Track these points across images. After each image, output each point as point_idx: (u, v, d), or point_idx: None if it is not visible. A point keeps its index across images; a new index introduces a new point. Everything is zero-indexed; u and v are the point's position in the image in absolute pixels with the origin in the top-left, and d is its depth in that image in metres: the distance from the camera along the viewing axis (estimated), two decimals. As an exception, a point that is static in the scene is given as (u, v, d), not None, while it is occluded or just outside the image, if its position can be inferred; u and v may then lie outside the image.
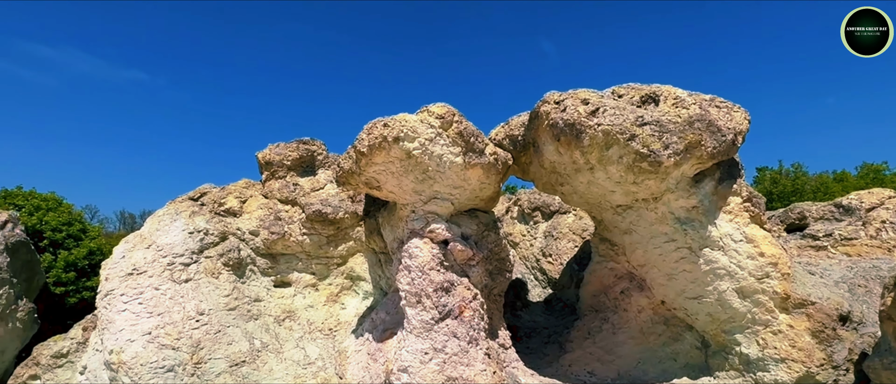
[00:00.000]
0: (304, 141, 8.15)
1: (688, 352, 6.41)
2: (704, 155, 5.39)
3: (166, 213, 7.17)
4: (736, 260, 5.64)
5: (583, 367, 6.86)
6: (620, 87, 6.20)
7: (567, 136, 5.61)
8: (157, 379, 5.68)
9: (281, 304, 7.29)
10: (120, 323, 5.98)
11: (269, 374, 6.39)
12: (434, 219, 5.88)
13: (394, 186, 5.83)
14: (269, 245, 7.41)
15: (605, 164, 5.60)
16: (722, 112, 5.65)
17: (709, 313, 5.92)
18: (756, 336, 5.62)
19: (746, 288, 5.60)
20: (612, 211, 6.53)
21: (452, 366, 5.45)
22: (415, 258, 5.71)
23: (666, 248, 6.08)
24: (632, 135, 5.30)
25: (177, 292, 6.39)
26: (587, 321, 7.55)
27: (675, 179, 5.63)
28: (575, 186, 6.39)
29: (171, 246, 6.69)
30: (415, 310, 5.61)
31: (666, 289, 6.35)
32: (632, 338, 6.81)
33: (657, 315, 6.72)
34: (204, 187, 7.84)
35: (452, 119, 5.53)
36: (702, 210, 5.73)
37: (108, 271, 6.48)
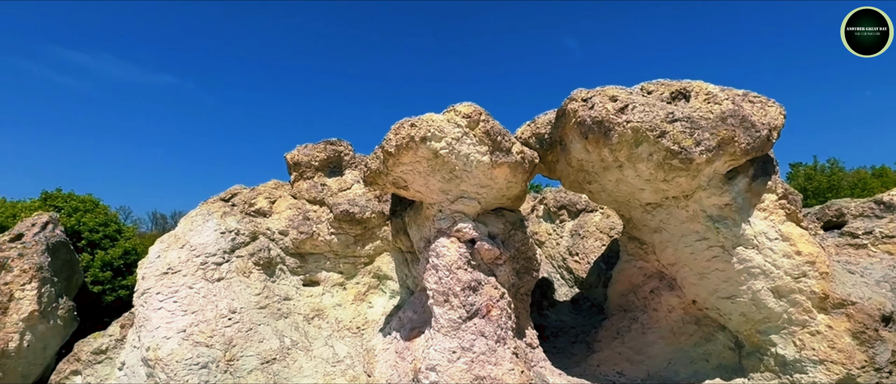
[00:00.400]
0: (331, 142, 8.25)
1: (720, 353, 6.27)
2: (738, 151, 5.27)
3: (199, 214, 7.35)
4: (771, 258, 5.50)
5: (612, 367, 6.78)
6: (649, 84, 6.11)
7: (595, 133, 5.55)
8: (191, 375, 5.83)
9: (310, 303, 7.39)
10: (156, 321, 6.16)
11: (299, 372, 6.49)
12: (461, 218, 5.89)
13: (421, 186, 5.86)
14: (298, 244, 7.52)
15: (634, 161, 5.52)
16: (756, 107, 5.51)
17: (743, 313, 5.79)
18: (793, 337, 5.47)
19: (782, 287, 5.46)
20: (641, 209, 6.43)
21: (480, 365, 5.45)
22: (442, 257, 5.73)
23: (697, 247, 5.97)
24: (662, 132, 5.21)
25: (210, 291, 6.55)
26: (615, 321, 7.46)
27: (708, 177, 5.52)
28: (603, 184, 6.32)
29: (204, 246, 6.86)
30: (442, 309, 5.63)
31: (697, 288, 6.23)
32: (662, 338, 6.70)
33: (688, 315, 6.60)
34: (234, 188, 8.01)
35: (479, 118, 5.52)
36: (735, 208, 5.60)
37: (144, 270, 6.68)
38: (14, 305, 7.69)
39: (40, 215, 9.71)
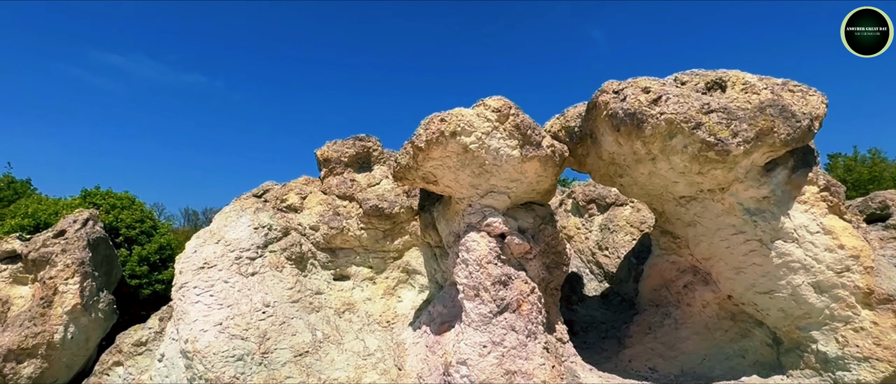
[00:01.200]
0: (360, 138, 8.32)
1: (757, 350, 6.12)
2: (777, 142, 5.11)
3: (232, 210, 7.51)
4: (812, 252, 5.33)
5: (644, 363, 6.68)
6: (683, 74, 5.97)
7: (627, 125, 5.46)
8: (228, 367, 5.98)
9: (340, 297, 7.49)
10: (194, 314, 6.33)
11: (331, 365, 6.58)
12: (491, 212, 5.88)
13: (451, 180, 5.86)
14: (329, 239, 7.62)
15: (668, 154, 5.41)
16: (796, 96, 5.34)
17: (781, 309, 5.63)
18: (835, 333, 5.30)
19: (824, 282, 5.29)
20: (674, 202, 6.31)
21: (511, 359, 5.44)
22: (472, 252, 5.73)
23: (734, 241, 5.82)
24: (697, 123, 5.10)
25: (244, 285, 6.69)
26: (647, 316, 7.35)
27: (745, 169, 5.38)
28: (635, 177, 6.22)
29: (238, 241, 7.01)
30: (473, 304, 5.63)
31: (734, 283, 6.09)
32: (696, 334, 6.57)
33: (723, 310, 6.45)
34: (266, 184, 8.15)
35: (509, 112, 5.49)
36: (774, 200, 5.45)
37: (181, 265, 6.86)
38: (58, 299, 7.99)
39: (81, 212, 10.04)
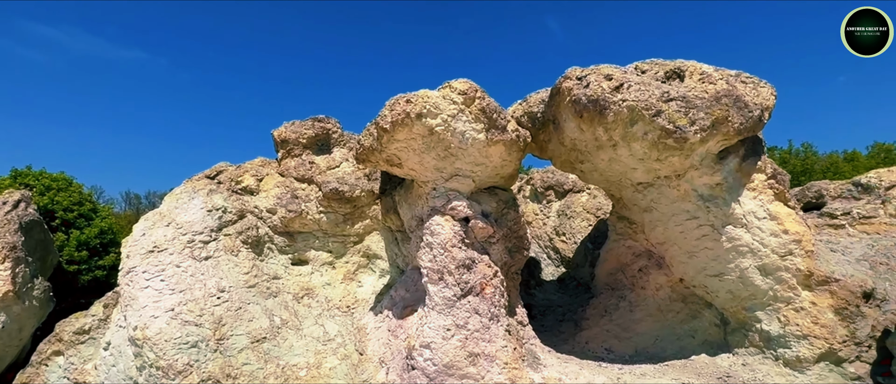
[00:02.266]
0: (318, 119, 8.10)
1: (706, 330, 6.43)
2: (731, 131, 5.33)
3: (184, 191, 7.16)
4: (759, 237, 5.62)
5: (600, 344, 6.90)
6: (643, 63, 6.11)
7: (590, 112, 5.54)
8: (181, 354, 5.73)
9: (299, 282, 7.31)
10: (143, 299, 6.01)
11: (290, 351, 6.43)
12: (455, 196, 5.86)
13: (415, 163, 5.79)
14: (287, 223, 7.40)
15: (628, 140, 5.55)
16: (749, 88, 5.57)
17: (730, 290, 5.92)
18: (777, 313, 5.63)
19: (769, 265, 5.59)
20: (632, 188, 6.49)
21: (474, 342, 5.48)
22: (436, 235, 5.70)
23: (688, 226, 6.06)
24: (658, 110, 5.24)
25: (197, 269, 6.41)
26: (603, 299, 7.57)
27: (700, 156, 5.59)
28: (596, 164, 6.35)
29: (191, 223, 6.69)
30: (437, 287, 5.63)
31: (686, 266, 6.35)
32: (649, 316, 6.83)
33: (675, 292, 6.73)
34: (220, 165, 7.81)
35: (475, 95, 5.46)
36: (725, 187, 5.69)
37: (128, 249, 6.49)
38: (-12, 285, 7.43)
39: (11, 193, 9.36)
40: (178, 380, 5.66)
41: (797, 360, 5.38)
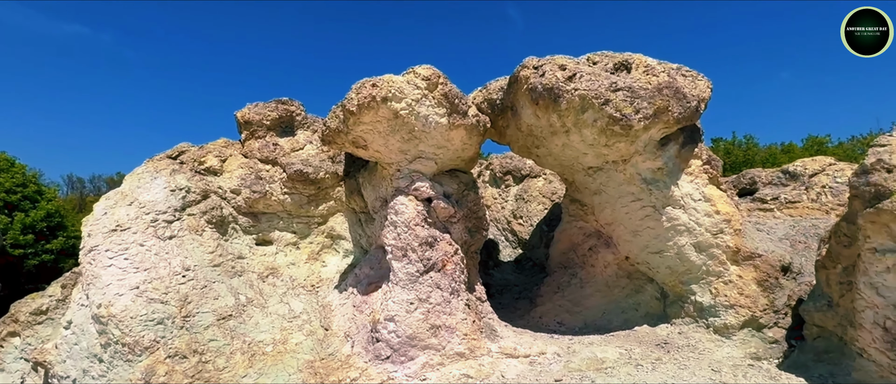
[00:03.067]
0: (282, 101, 8.17)
1: (648, 303, 7.00)
2: (671, 120, 5.83)
3: (145, 171, 7.13)
4: (694, 217, 6.18)
5: (553, 318, 7.38)
6: (595, 55, 6.52)
7: (545, 99, 5.92)
8: (147, 331, 5.81)
9: (263, 262, 7.45)
10: (106, 278, 6.03)
11: (256, 328, 6.60)
12: (419, 177, 6.15)
13: (380, 146, 6.04)
14: (251, 204, 7.50)
15: (580, 126, 5.97)
16: (688, 80, 6.08)
17: (669, 266, 6.49)
18: (709, 286, 6.23)
19: (703, 242, 6.17)
20: (583, 172, 6.95)
21: (436, 314, 5.82)
22: (401, 214, 5.99)
23: (632, 207, 6.57)
24: (606, 99, 5.67)
25: (162, 248, 6.46)
26: (556, 277, 8.06)
27: (644, 142, 6.07)
28: (550, 149, 6.76)
29: (154, 203, 6.71)
30: (401, 264, 5.92)
31: (631, 245, 6.88)
32: (598, 291, 7.35)
33: (621, 270, 7.27)
34: (181, 146, 7.80)
35: (438, 81, 5.75)
36: (666, 171, 6.21)
37: (90, 228, 6.46)
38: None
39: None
40: (145, 356, 5.76)
41: (725, 327, 5.99)
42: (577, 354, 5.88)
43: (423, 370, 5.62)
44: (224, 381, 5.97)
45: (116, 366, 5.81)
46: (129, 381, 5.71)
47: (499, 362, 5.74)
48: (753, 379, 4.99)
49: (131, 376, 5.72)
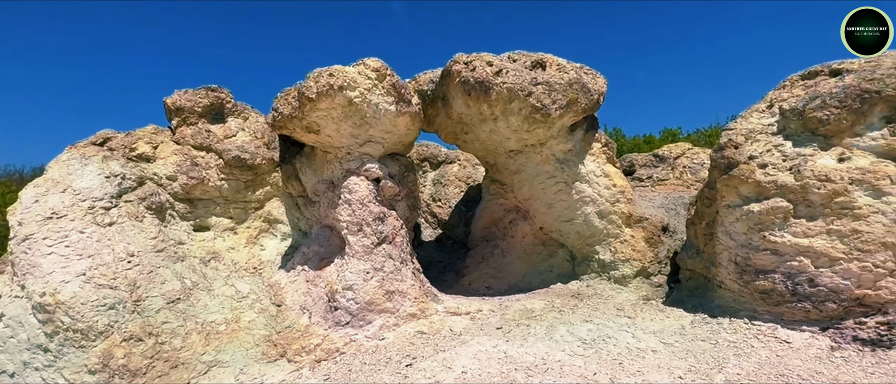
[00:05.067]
0: (212, 88, 8.21)
1: (560, 265, 8.28)
2: (579, 110, 7.06)
3: (71, 158, 6.85)
4: (597, 190, 7.52)
5: (481, 284, 8.39)
6: (513, 54, 7.55)
7: (477, 91, 6.83)
8: (100, 316, 5.77)
9: (203, 247, 7.51)
10: (47, 266, 5.84)
11: (205, 310, 6.75)
12: (368, 159, 6.76)
13: (332, 130, 6.55)
14: (188, 190, 7.52)
15: (507, 115, 6.98)
16: (590, 77, 7.36)
17: (577, 232, 7.79)
18: (610, 246, 7.62)
19: (604, 210, 7.53)
20: (505, 155, 8.01)
21: (390, 281, 6.51)
22: (354, 193, 6.57)
23: (548, 183, 7.77)
24: (530, 92, 6.74)
25: (103, 235, 6.34)
26: (480, 249, 9.09)
27: (558, 129, 7.25)
28: (477, 134, 7.71)
29: (89, 190, 6.52)
30: (356, 238, 6.51)
31: (546, 216, 8.09)
32: (518, 259, 8.50)
33: (537, 238, 8.48)
34: (105, 133, 7.52)
35: (386, 72, 6.41)
36: (574, 152, 7.47)
37: (20, 216, 6.13)
38: None
39: None
40: (100, 341, 5.75)
41: (622, 277, 7.41)
42: (509, 308, 6.92)
43: (381, 331, 6.30)
44: (184, 359, 6.13)
45: (67, 353, 5.71)
46: (85, 366, 5.67)
47: (446, 319, 6.59)
48: (647, 312, 6.38)
49: (87, 361, 5.68)
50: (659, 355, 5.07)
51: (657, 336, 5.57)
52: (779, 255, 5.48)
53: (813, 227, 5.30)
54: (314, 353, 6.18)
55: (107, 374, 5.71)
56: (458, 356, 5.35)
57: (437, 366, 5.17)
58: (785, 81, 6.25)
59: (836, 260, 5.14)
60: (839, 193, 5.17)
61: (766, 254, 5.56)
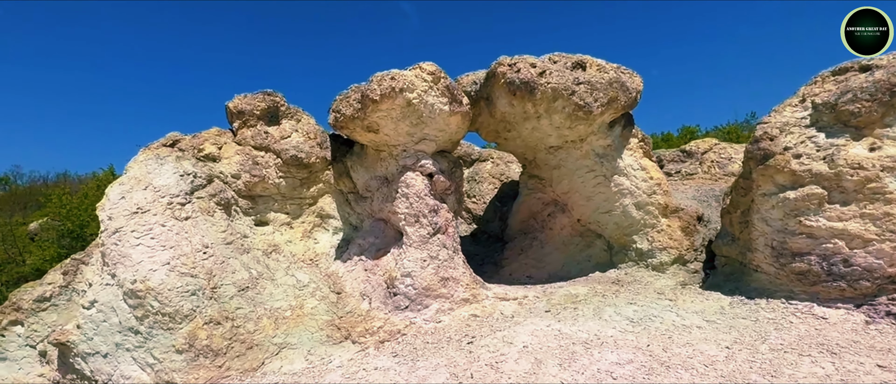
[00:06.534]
0: (268, 92, 8.76)
1: (598, 255, 8.70)
2: (619, 107, 7.50)
3: (148, 159, 7.42)
4: (634, 182, 7.94)
5: (522, 274, 8.84)
6: (554, 55, 8.00)
7: (522, 91, 7.29)
8: (184, 301, 6.32)
9: (264, 240, 8.06)
10: (137, 256, 6.40)
11: (271, 297, 7.28)
12: (423, 156, 7.26)
13: (390, 129, 7.05)
14: (250, 187, 8.07)
15: (551, 113, 7.43)
16: (628, 77, 7.78)
17: (616, 223, 8.21)
18: (647, 235, 8.03)
19: (641, 202, 7.95)
20: (545, 151, 8.46)
21: (444, 269, 6.99)
22: (411, 187, 7.06)
23: (587, 177, 8.20)
24: (573, 91, 7.19)
25: (181, 229, 6.90)
26: (518, 242, 9.55)
27: (598, 125, 7.69)
28: (520, 132, 8.17)
29: (167, 187, 7.09)
30: (413, 228, 7.01)
31: (584, 208, 8.53)
32: (556, 249, 8.94)
33: (575, 230, 8.92)
34: (173, 135, 8.11)
35: (440, 75, 6.90)
36: (613, 147, 7.90)
37: (109, 212, 6.71)
38: None
39: None
40: (185, 323, 6.30)
41: (660, 265, 7.82)
42: (554, 294, 7.37)
43: (438, 314, 6.78)
44: (257, 341, 6.66)
45: (156, 335, 6.27)
46: (173, 347, 6.23)
47: (497, 304, 7.06)
48: (687, 296, 6.79)
49: (174, 342, 6.24)
50: (704, 331, 5.49)
51: (699, 315, 5.99)
52: (814, 239, 5.87)
53: (846, 212, 5.69)
54: (377, 335, 6.68)
55: (192, 354, 6.26)
56: (517, 334, 5.81)
57: (498, 342, 5.64)
58: (816, 77, 6.63)
59: (870, 241, 5.53)
60: (871, 180, 5.56)
61: (801, 237, 5.96)
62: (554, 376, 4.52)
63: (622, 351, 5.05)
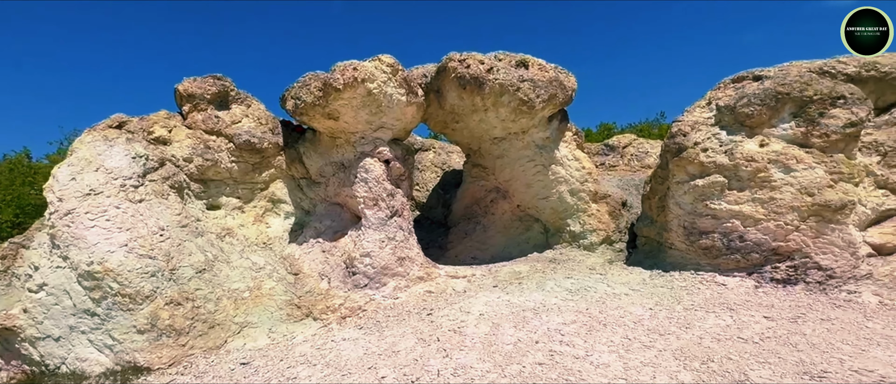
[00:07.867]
0: (217, 77, 8.73)
1: (536, 237, 9.56)
2: (557, 103, 8.33)
3: (95, 140, 7.23)
4: (569, 171, 8.84)
5: (467, 255, 9.51)
6: (499, 54, 8.70)
7: (471, 85, 7.92)
8: (145, 282, 6.33)
9: (217, 223, 8.10)
10: (92, 238, 6.30)
11: (228, 279, 7.41)
12: (380, 143, 7.68)
13: (350, 117, 7.40)
14: (202, 171, 8.07)
15: (498, 107, 8.11)
16: (564, 76, 8.64)
17: (552, 208, 9.09)
18: (579, 219, 8.98)
19: (575, 189, 8.87)
20: (490, 142, 9.16)
21: (401, 249, 7.49)
22: (371, 172, 7.47)
23: (527, 166, 9.00)
24: (518, 87, 7.91)
25: (136, 211, 6.84)
26: (462, 226, 10.21)
27: (539, 119, 8.49)
28: (467, 123, 8.80)
29: (119, 169, 6.97)
30: (372, 211, 7.43)
31: (524, 195, 9.33)
32: (498, 233, 9.70)
33: (515, 215, 9.71)
34: (119, 117, 7.90)
35: (398, 67, 7.36)
36: (551, 139, 8.74)
37: (58, 193, 6.51)
38: None
39: None
40: (146, 303, 6.35)
41: (590, 245, 8.80)
42: (499, 272, 8.10)
43: (395, 291, 7.28)
44: (219, 321, 6.82)
45: (115, 316, 6.26)
46: (134, 327, 6.25)
47: (448, 281, 7.66)
48: (614, 270, 7.77)
49: (135, 322, 6.26)
50: (631, 297, 6.42)
51: (626, 285, 6.94)
52: (717, 219, 7.00)
53: (742, 196, 6.85)
54: (339, 311, 7.06)
55: (155, 333, 6.32)
56: (472, 305, 6.45)
57: (456, 312, 6.25)
58: (720, 83, 7.80)
59: (759, 221, 6.71)
60: (761, 170, 6.73)
61: (707, 218, 7.07)
62: (512, 335, 5.20)
63: (566, 314, 5.83)
